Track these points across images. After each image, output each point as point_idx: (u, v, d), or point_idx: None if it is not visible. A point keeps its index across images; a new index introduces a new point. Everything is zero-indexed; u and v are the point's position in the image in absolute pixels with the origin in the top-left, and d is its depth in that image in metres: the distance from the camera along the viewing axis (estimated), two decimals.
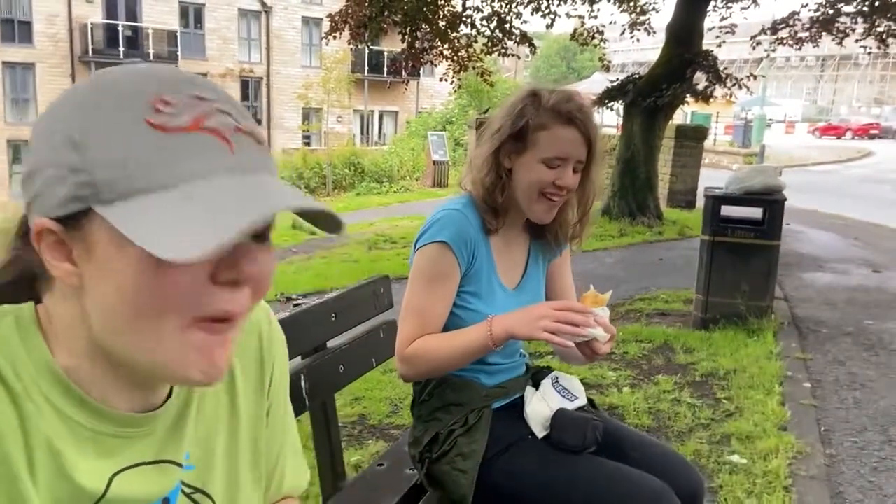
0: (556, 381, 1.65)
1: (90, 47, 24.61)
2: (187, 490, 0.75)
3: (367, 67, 28.37)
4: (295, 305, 1.70)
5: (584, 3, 12.49)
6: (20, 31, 23.90)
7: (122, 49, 24.92)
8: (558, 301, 1.53)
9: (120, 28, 25.07)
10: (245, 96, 27.99)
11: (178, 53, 25.92)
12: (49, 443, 0.63)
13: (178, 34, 26.10)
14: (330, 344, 1.80)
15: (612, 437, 1.60)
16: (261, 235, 0.65)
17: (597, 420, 1.56)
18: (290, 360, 1.66)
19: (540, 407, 1.59)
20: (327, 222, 0.66)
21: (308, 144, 27.98)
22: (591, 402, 1.68)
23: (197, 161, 0.59)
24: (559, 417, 1.55)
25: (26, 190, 0.63)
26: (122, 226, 0.57)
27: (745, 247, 4.89)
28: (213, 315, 0.62)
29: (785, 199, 4.85)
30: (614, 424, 1.68)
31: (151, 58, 25.51)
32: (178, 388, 0.75)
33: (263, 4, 27.53)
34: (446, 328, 1.58)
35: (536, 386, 1.66)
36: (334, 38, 11.49)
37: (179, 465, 0.73)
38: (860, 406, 3.74)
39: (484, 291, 1.59)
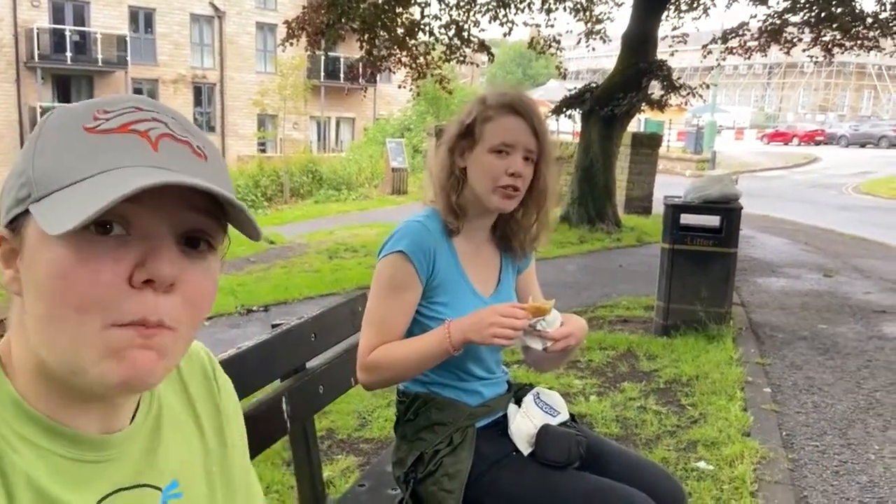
0: (538, 398, 1.66)
1: (36, 52, 23.82)
2: None
3: (323, 74, 28.17)
4: (274, 326, 1.68)
5: (540, 13, 12.67)
6: None
7: (69, 54, 24.25)
8: (504, 304, 1.54)
9: (67, 33, 24.37)
10: (198, 102, 27.53)
11: (128, 59, 25.35)
12: (29, 480, 0.63)
13: (128, 39, 25.51)
14: (309, 365, 1.78)
15: (594, 450, 1.62)
16: (193, 242, 0.65)
17: (580, 435, 1.58)
18: (270, 383, 1.65)
19: (524, 424, 1.59)
20: (245, 225, 0.66)
21: (263, 151, 27.63)
22: (572, 416, 1.70)
23: (115, 155, 0.62)
24: (543, 434, 1.56)
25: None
26: (39, 216, 0.59)
27: (704, 254, 5.01)
28: (131, 319, 0.61)
29: (741, 208, 4.98)
30: (595, 438, 1.69)
31: (100, 63, 24.85)
32: (145, 410, 0.74)
33: (216, 9, 27.13)
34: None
35: (518, 403, 1.67)
36: (291, 44, 11.38)
37: (159, 488, 0.73)
38: (819, 410, 3.85)
39: (454, 300, 1.60)
